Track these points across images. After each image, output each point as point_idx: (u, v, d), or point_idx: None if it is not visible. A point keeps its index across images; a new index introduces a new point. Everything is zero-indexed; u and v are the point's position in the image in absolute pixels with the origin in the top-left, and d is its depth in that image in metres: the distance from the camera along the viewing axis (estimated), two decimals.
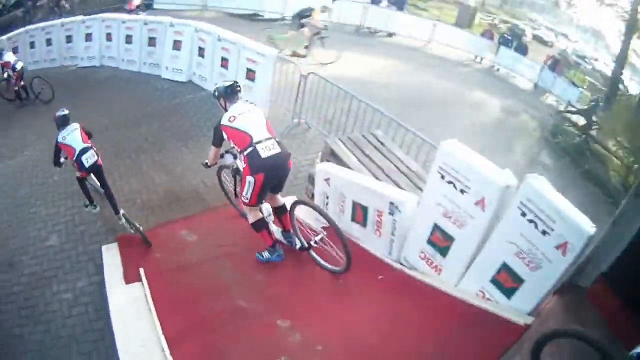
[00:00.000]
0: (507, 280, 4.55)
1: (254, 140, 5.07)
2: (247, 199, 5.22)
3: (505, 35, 18.79)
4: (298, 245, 5.75)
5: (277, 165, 5.12)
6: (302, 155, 8.95)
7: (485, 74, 17.57)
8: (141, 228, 6.58)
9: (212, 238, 6.68)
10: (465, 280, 4.98)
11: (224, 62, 10.78)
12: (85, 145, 6.73)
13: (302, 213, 5.93)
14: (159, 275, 5.93)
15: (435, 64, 15.88)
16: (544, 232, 4.19)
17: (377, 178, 6.11)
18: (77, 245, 7.19)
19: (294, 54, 13.67)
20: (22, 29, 14.44)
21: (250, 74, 10.25)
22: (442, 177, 4.80)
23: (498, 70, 18.02)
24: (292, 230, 5.74)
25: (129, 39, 12.71)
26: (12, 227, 7.79)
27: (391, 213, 5.36)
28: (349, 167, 6.29)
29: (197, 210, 7.51)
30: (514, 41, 18.36)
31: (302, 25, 14.22)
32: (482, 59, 18.42)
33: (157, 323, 5.08)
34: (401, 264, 5.60)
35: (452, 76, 15.60)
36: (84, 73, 13.22)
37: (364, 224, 5.79)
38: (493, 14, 22.14)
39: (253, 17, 18.15)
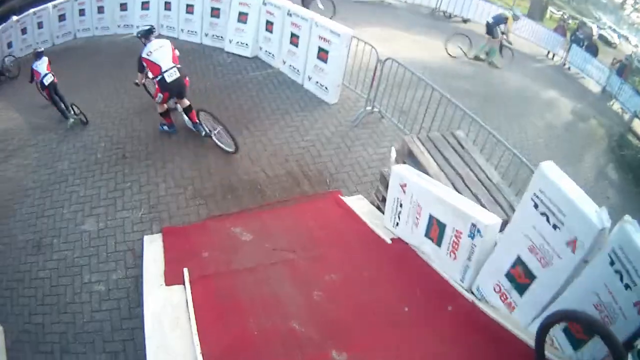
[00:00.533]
0: (578, 331, 4.26)
1: (163, 70, 7.80)
2: (158, 102, 8.20)
3: (578, 34, 19.30)
4: (203, 133, 8.35)
5: (177, 85, 7.94)
6: (372, 148, 8.66)
7: (556, 71, 17.94)
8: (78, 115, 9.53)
9: (269, 239, 6.27)
10: (537, 323, 4.51)
11: (294, 39, 10.41)
12: (47, 72, 9.69)
13: None
14: (205, 280, 5.52)
15: (509, 56, 15.68)
16: (627, 286, 3.81)
17: (455, 187, 5.85)
18: (116, 233, 6.98)
19: (475, 58, 14.84)
20: None
21: (322, 54, 9.83)
22: (536, 206, 4.39)
23: (569, 69, 18.58)
24: (198, 122, 8.36)
25: (189, 9, 12.47)
26: (45, 205, 7.69)
27: (471, 236, 4.97)
28: (427, 172, 5.97)
29: (254, 204, 7.21)
30: (585, 41, 18.89)
31: (492, 32, 14.90)
32: (554, 55, 19.13)
33: (196, 337, 4.68)
34: (472, 292, 5.19)
35: (526, 71, 15.95)
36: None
37: (438, 242, 5.40)
38: (562, 8, 23.05)
39: None
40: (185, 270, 5.57)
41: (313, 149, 8.47)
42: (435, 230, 5.37)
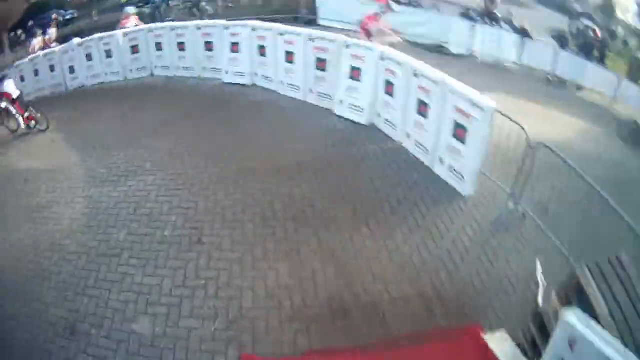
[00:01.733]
0: None
1: (12, 93, 12.97)
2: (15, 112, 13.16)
3: None
4: (36, 130, 12.96)
5: (21, 98, 13.28)
6: (516, 263, 7.42)
7: None
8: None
9: None
10: None
11: (423, 108, 9.24)
12: None
13: None
14: None
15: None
16: None
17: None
18: (177, 347, 6.00)
19: None
20: (144, 26, 14.79)
21: (459, 132, 8.60)
22: None
23: None
24: (31, 124, 13.00)
25: (290, 57, 11.85)
26: (89, 281, 7.07)
27: None
28: (596, 319, 5.25)
29: (373, 337, 6.13)
30: None
31: None
32: None
33: None
34: None
35: None
36: (229, 91, 12.97)
37: None
38: None
39: (438, 50, 18.02)
40: None
41: (449, 261, 7.34)
42: None
